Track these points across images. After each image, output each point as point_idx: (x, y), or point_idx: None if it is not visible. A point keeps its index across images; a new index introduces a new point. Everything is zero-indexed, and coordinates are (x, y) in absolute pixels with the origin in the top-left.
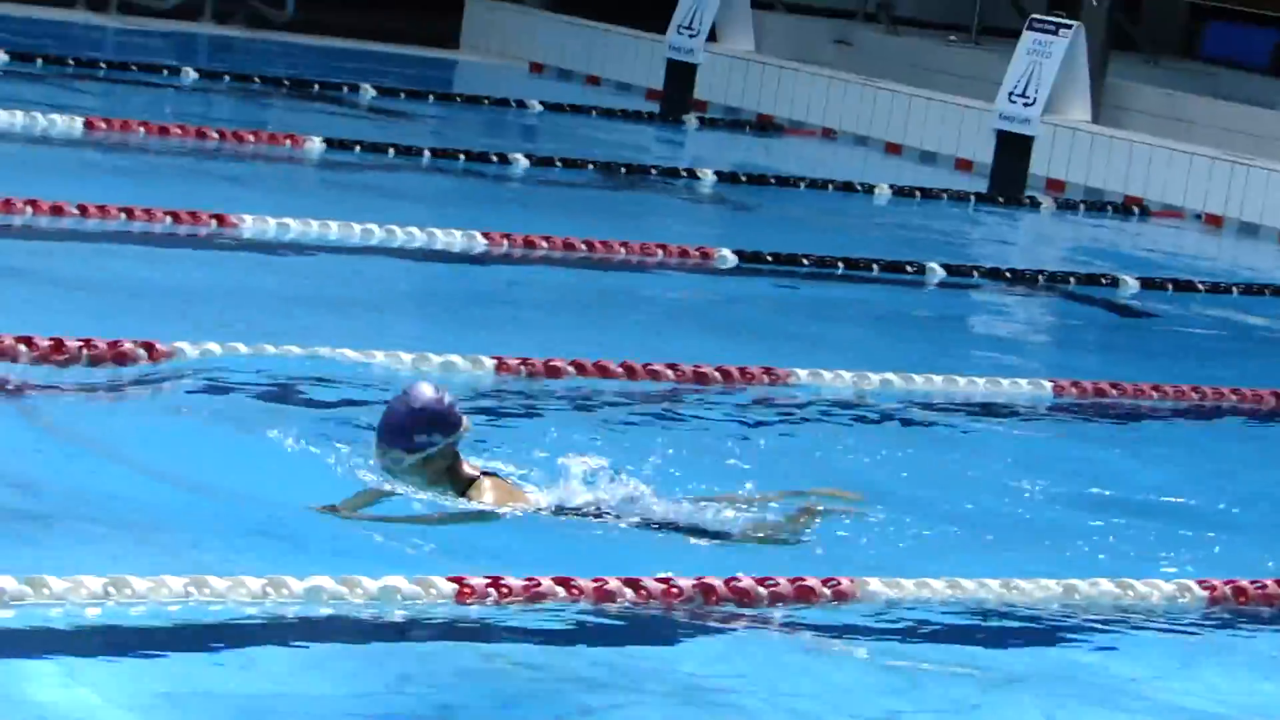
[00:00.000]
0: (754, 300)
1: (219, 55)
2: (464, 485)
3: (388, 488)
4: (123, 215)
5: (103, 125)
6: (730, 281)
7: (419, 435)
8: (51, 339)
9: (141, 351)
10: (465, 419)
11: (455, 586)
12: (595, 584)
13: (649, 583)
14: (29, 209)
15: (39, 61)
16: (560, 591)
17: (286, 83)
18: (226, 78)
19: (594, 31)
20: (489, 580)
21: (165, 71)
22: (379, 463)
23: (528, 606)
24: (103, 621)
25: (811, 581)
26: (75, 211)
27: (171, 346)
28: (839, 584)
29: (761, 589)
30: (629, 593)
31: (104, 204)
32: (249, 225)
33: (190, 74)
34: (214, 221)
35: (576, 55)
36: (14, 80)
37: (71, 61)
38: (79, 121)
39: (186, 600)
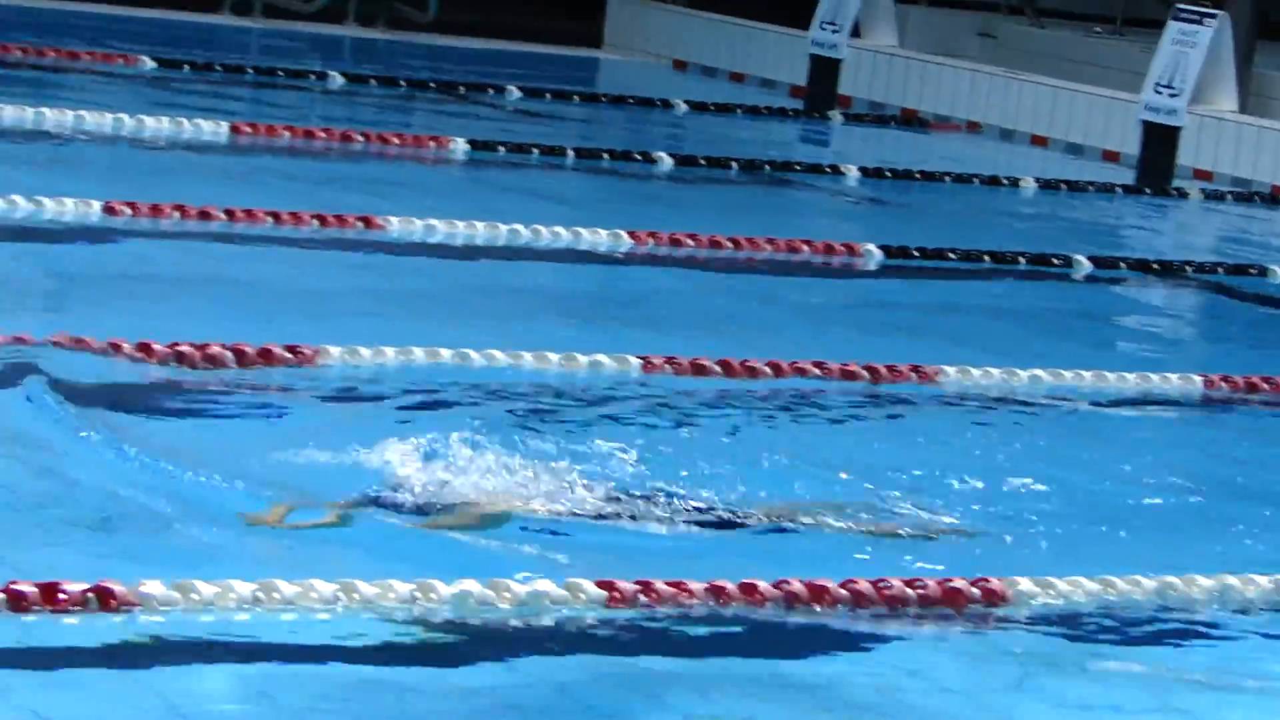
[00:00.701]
0: (900, 297)
1: (363, 58)
2: None
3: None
4: (270, 219)
5: (249, 129)
6: (876, 278)
7: None
8: (199, 344)
9: (289, 355)
10: None
11: (604, 593)
12: (741, 588)
13: (796, 586)
14: (177, 214)
15: (186, 67)
16: (709, 596)
17: (431, 85)
18: (371, 80)
19: (737, 28)
20: (638, 585)
21: (311, 75)
22: None
23: (674, 610)
24: (248, 627)
25: (959, 583)
26: (223, 216)
27: (318, 350)
28: (989, 584)
29: (910, 590)
30: (777, 594)
31: (251, 208)
32: (395, 227)
33: (336, 77)
34: (360, 224)
35: (720, 52)
36: (161, 86)
37: (218, 67)
38: (225, 126)
39: (334, 607)
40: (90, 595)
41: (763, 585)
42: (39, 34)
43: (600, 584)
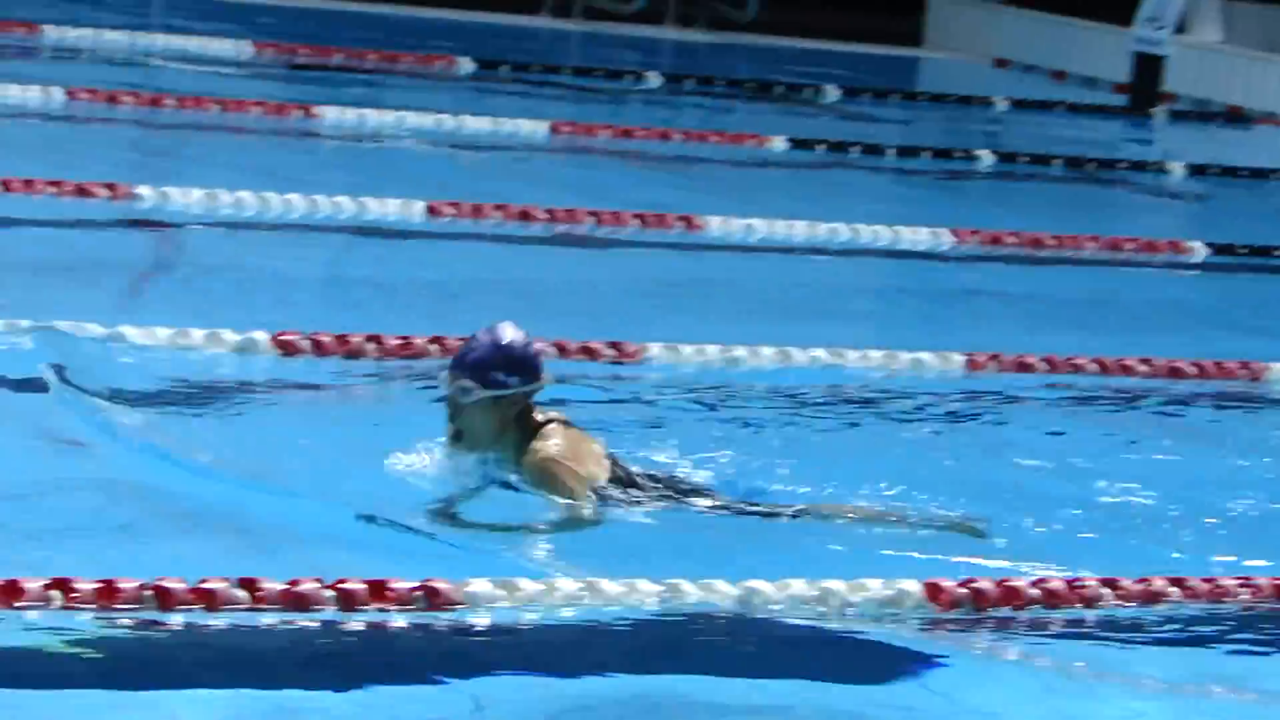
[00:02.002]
0: (1227, 293)
1: (682, 58)
2: (530, 433)
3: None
4: (591, 219)
5: (568, 130)
6: (1202, 274)
7: (496, 372)
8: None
9: (611, 351)
10: (547, 373)
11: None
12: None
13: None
14: (498, 214)
15: (504, 68)
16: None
17: (749, 84)
18: (690, 80)
19: (1059, 25)
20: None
21: (629, 75)
22: (445, 390)
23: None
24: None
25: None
26: (544, 216)
27: (641, 347)
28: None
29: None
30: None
31: (572, 208)
32: (715, 227)
33: (654, 77)
34: (681, 224)
35: (1042, 50)
36: (481, 88)
37: (536, 67)
38: (544, 127)
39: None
40: (418, 594)
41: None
42: (359, 38)
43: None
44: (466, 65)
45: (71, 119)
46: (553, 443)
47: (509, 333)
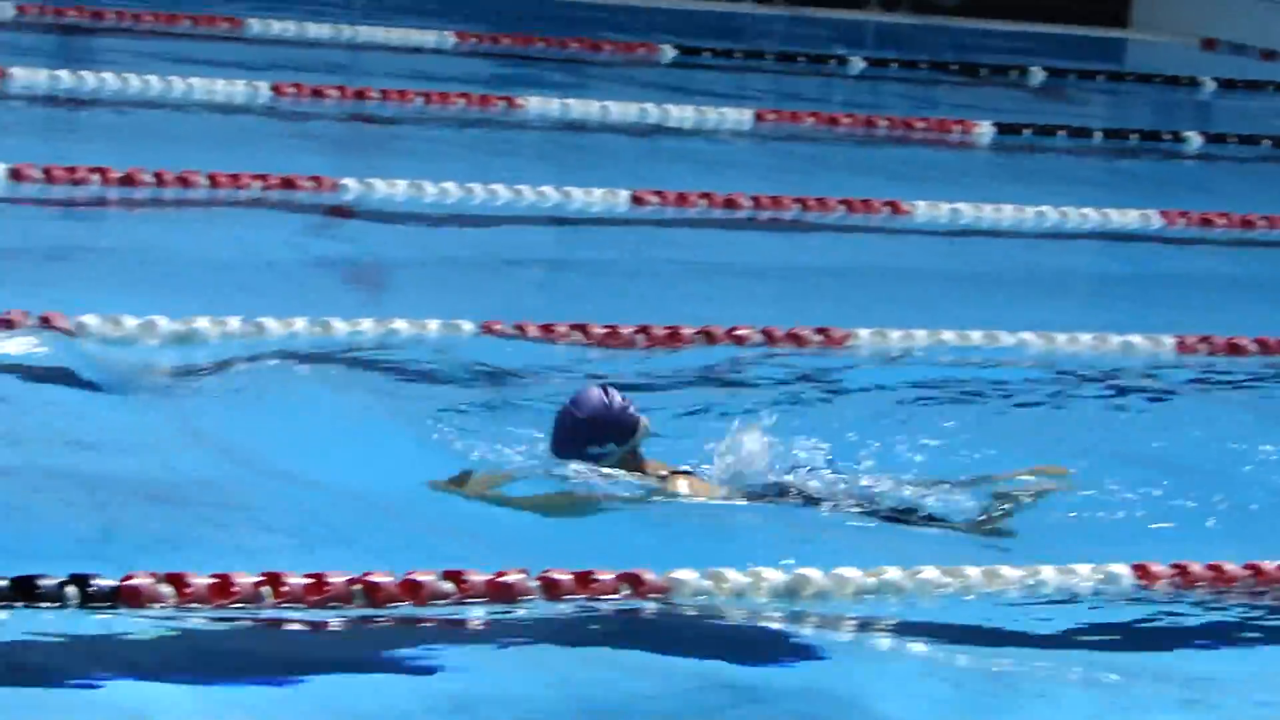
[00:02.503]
0: None
1: (886, 42)
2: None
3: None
4: (797, 206)
5: (772, 116)
6: None
7: (592, 446)
8: (728, 328)
9: (818, 337)
10: (643, 419)
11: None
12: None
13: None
14: (703, 201)
15: (707, 54)
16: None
17: (954, 67)
18: (894, 64)
19: (1268, 5)
20: (1174, 568)
21: (832, 60)
22: (552, 475)
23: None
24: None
25: None
26: (748, 203)
27: (848, 333)
28: None
29: None
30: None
31: (776, 195)
32: (921, 212)
33: (858, 62)
34: (887, 209)
35: (1251, 30)
36: (683, 73)
37: (738, 53)
38: (748, 114)
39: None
40: (622, 583)
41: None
42: (562, 25)
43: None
44: (669, 52)
45: (276, 112)
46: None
47: (589, 402)
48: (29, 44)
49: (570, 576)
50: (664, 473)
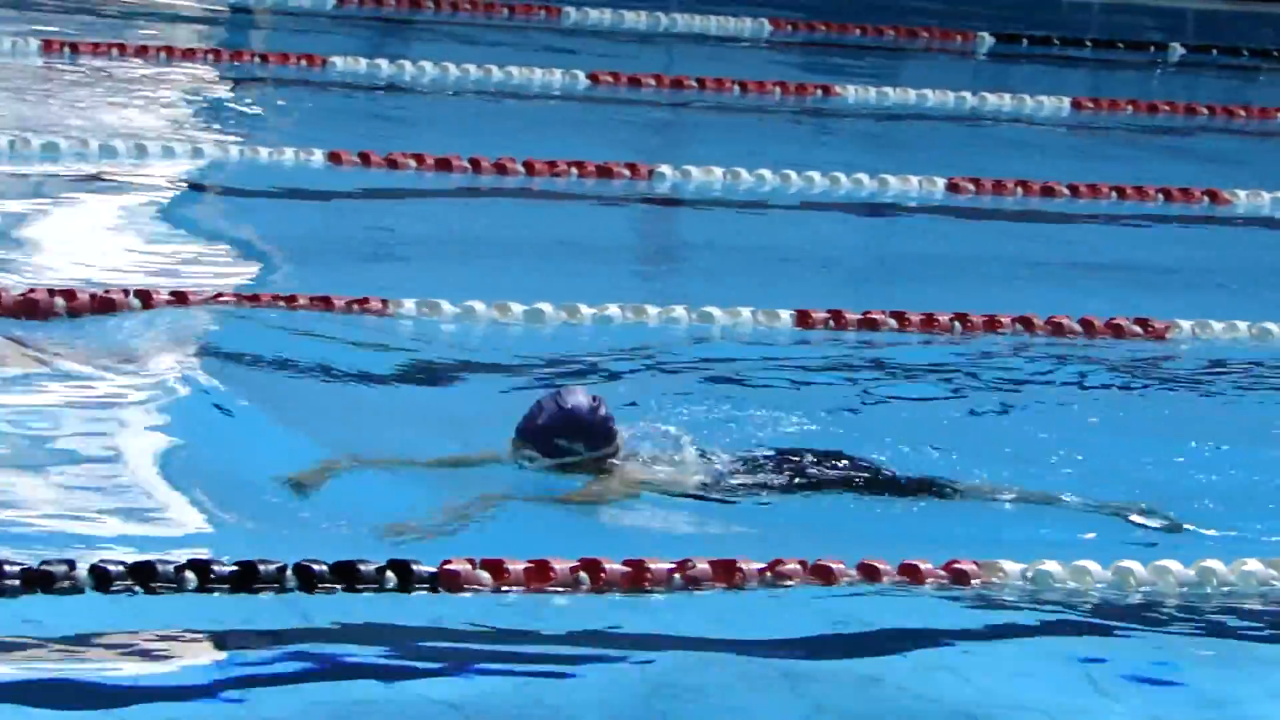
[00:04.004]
0: None
1: (1205, 29)
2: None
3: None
4: (1114, 194)
5: (1090, 104)
6: None
7: (561, 440)
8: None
9: (1137, 329)
10: (618, 438)
11: None
12: None
13: None
14: (1019, 190)
15: (1024, 42)
16: None
17: (1276, 54)
18: (1214, 51)
19: None
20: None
21: (1151, 48)
22: (509, 459)
23: None
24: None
25: None
26: (1065, 192)
27: (1169, 324)
28: None
29: None
30: None
31: (1094, 183)
32: (1242, 201)
33: (1177, 49)
34: (1206, 198)
35: None
36: (1000, 61)
37: (1056, 41)
38: (1066, 101)
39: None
40: (944, 573)
41: None
42: (878, 14)
43: None
44: (986, 40)
45: (593, 101)
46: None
47: (574, 398)
48: (348, 34)
49: (927, 566)
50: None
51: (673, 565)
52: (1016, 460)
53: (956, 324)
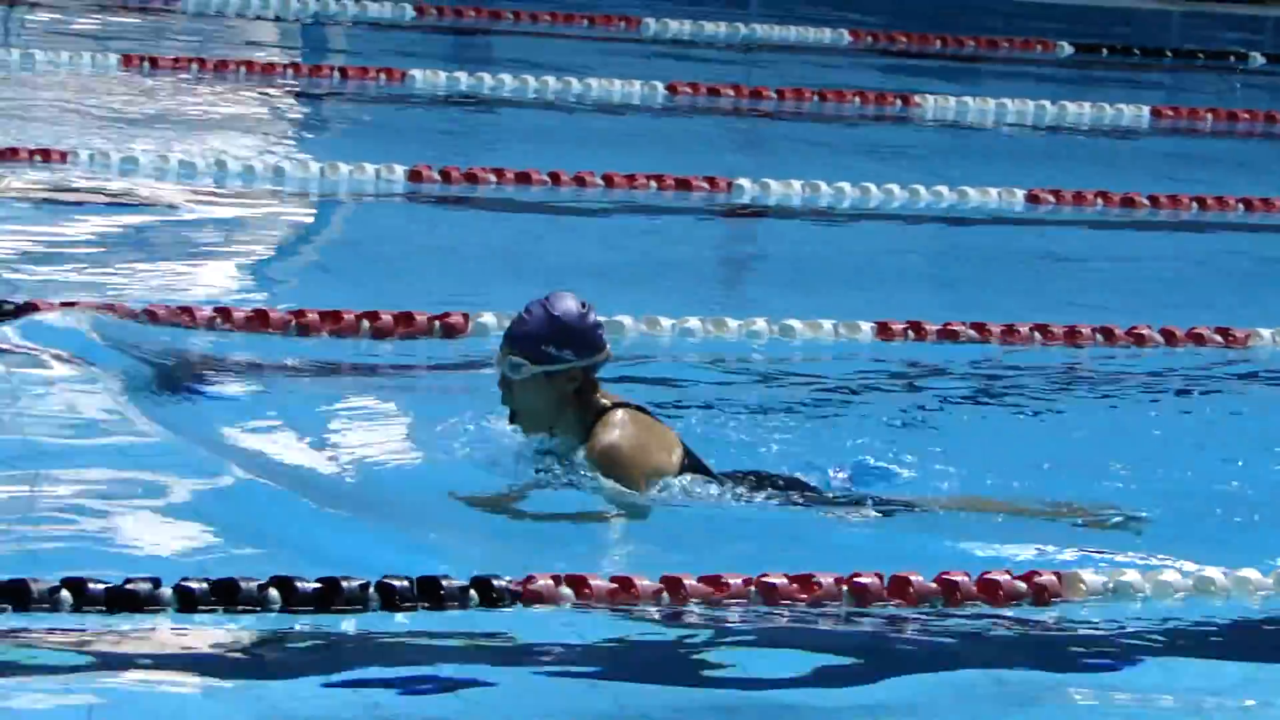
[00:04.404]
0: None
1: None
2: (594, 417)
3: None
4: (1194, 205)
5: (1170, 113)
6: None
7: (548, 346)
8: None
9: (1217, 338)
10: (607, 347)
11: None
12: None
13: None
14: (1100, 200)
15: (1104, 51)
16: None
17: None
18: None
19: None
20: None
21: (1231, 56)
22: (497, 367)
23: None
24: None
25: None
26: (1146, 203)
27: (1249, 332)
28: None
29: None
30: None
31: (1175, 194)
32: None
33: (1257, 58)
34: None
35: None
36: (1080, 70)
37: (1136, 50)
38: (1146, 111)
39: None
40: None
41: None
42: (957, 23)
43: None
44: (1065, 49)
45: (672, 112)
46: (618, 431)
47: (564, 303)
48: (427, 46)
49: (966, 578)
50: (608, 403)
51: (749, 579)
52: (1100, 473)
53: (1037, 335)
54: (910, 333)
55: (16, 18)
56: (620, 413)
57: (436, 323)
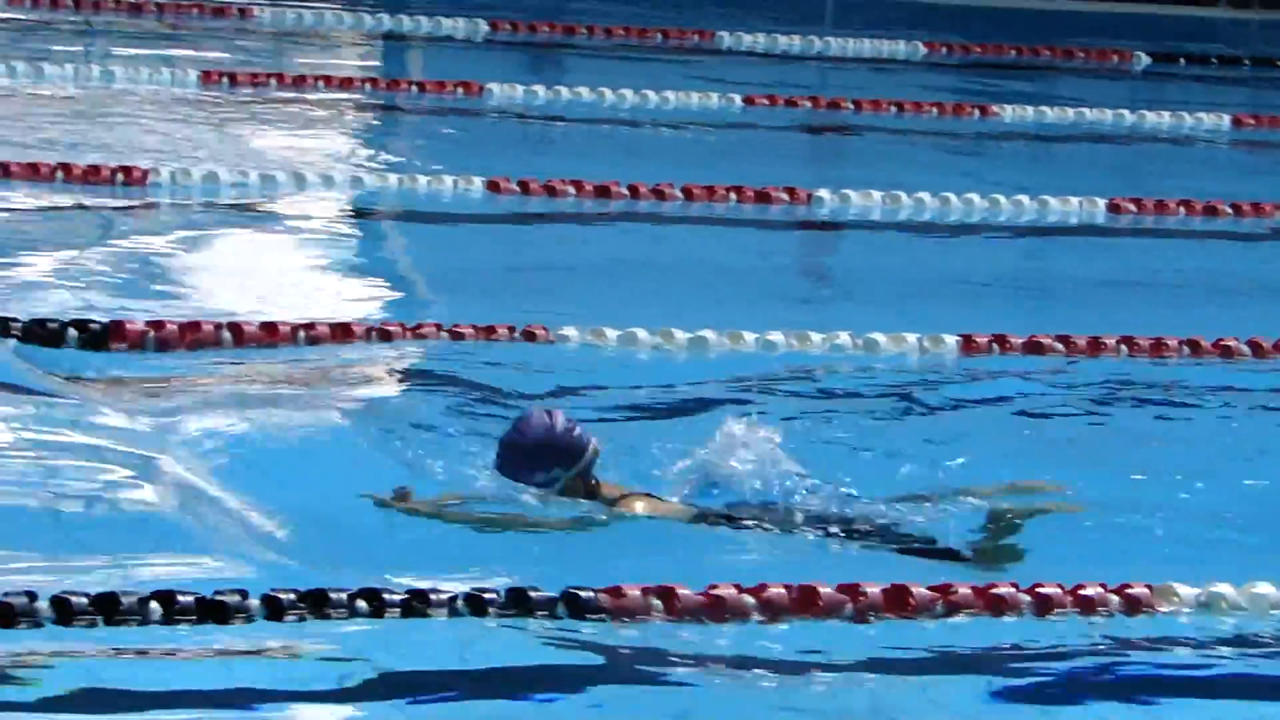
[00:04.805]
0: None
1: None
2: (609, 503)
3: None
4: (1277, 213)
5: (1251, 121)
6: None
7: (539, 473)
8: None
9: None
10: (593, 442)
11: None
12: None
13: None
14: (1182, 209)
15: (1181, 60)
16: None
17: None
18: None
19: None
20: None
21: None
22: (498, 492)
23: None
24: None
25: None
26: (1229, 211)
27: None
28: None
29: None
30: None
31: (1258, 201)
32: None
33: None
34: None
35: None
36: (1157, 80)
37: (1214, 59)
38: (1226, 119)
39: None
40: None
41: None
42: (1034, 34)
43: None
44: (1143, 59)
45: (749, 125)
46: (641, 502)
47: (531, 426)
48: (503, 60)
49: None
50: (618, 495)
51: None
52: (1183, 482)
53: (1123, 346)
54: (995, 345)
55: (95, 35)
56: (638, 502)
57: (518, 334)
